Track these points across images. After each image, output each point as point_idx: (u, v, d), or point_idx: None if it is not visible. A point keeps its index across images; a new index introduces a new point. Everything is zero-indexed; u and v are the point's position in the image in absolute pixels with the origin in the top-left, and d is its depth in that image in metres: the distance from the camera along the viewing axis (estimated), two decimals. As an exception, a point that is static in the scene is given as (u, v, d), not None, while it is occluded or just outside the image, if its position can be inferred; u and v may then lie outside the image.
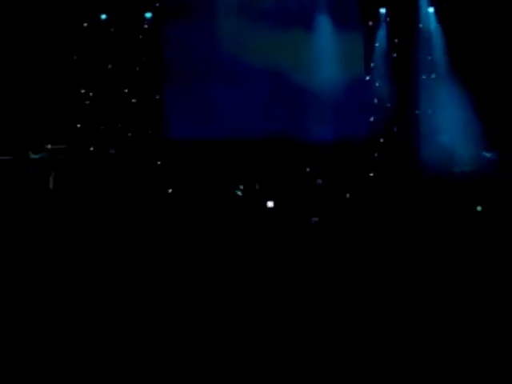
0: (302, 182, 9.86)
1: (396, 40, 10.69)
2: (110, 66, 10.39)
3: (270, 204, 8.41)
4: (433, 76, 10.38)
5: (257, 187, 9.22)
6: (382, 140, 10.69)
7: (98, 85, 10.36)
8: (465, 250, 5.89)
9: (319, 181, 9.80)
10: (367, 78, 10.79)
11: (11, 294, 4.60)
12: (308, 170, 10.16)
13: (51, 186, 9.12)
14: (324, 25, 10.51)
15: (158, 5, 10.51)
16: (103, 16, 10.31)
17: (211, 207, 8.41)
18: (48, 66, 10.04)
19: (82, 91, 10.26)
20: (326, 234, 7.16)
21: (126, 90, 10.49)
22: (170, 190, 9.39)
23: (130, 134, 10.39)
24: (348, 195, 9.37)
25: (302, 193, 9.25)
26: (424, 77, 10.44)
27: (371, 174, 10.37)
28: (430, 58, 10.50)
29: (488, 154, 9.60)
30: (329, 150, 10.26)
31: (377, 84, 10.77)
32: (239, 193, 8.78)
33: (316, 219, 7.71)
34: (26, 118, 9.78)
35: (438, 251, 5.88)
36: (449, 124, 9.84)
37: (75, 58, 10.17)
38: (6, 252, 5.84)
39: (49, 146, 9.39)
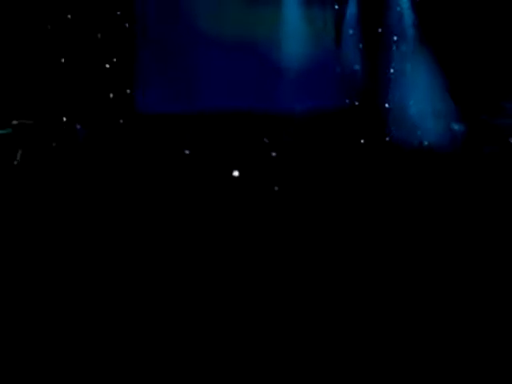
0: (264, 153, 9.85)
1: (366, 10, 10.67)
2: (80, 34, 10.12)
3: (236, 173, 8.64)
4: (403, 47, 10.39)
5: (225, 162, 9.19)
6: (350, 111, 10.73)
7: (64, 56, 10.11)
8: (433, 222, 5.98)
9: (274, 153, 9.83)
10: (337, 48, 10.78)
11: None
12: (266, 141, 10.13)
13: (17, 161, 8.93)
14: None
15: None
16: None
17: (182, 179, 8.40)
18: (12, 35, 9.76)
19: (48, 63, 9.99)
20: (291, 203, 7.19)
21: (94, 62, 10.26)
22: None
23: (98, 108, 10.20)
24: (314, 166, 9.45)
25: (264, 163, 9.28)
26: (394, 48, 10.47)
27: (340, 145, 10.41)
28: (400, 27, 10.52)
29: (457, 126, 9.69)
30: (298, 121, 10.25)
31: (347, 55, 10.77)
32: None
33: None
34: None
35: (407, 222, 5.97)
36: (418, 96, 9.91)
37: (40, 28, 9.89)
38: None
39: (15, 122, 9.17)
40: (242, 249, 5.39)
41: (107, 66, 10.27)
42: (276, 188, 7.80)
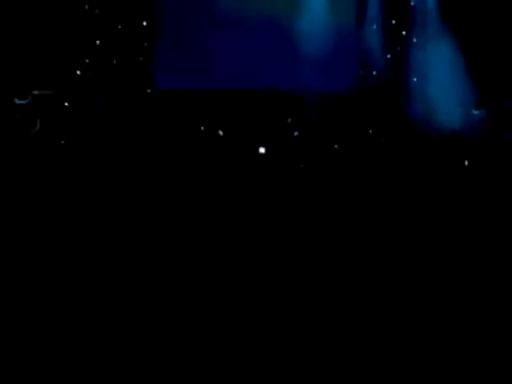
0: (286, 132, 9.84)
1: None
2: (97, 11, 10.15)
3: (262, 150, 8.66)
4: (425, 31, 10.28)
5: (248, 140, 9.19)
6: (370, 93, 10.66)
7: (85, 30, 10.12)
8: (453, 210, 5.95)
9: (296, 133, 9.81)
10: (358, 29, 10.70)
11: None
12: (289, 120, 10.10)
13: (37, 130, 8.97)
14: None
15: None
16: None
17: (203, 156, 8.42)
18: (32, 11, 9.77)
19: (69, 36, 10.01)
20: (316, 182, 7.18)
21: (115, 37, 10.27)
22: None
23: (117, 83, 10.21)
24: (336, 146, 9.43)
25: (287, 142, 9.28)
26: (416, 31, 10.37)
27: (359, 127, 10.37)
28: (422, 10, 10.41)
29: (477, 112, 9.61)
30: (316, 100, 10.19)
31: (368, 38, 10.68)
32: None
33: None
34: (11, 63, 9.56)
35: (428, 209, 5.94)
36: (438, 81, 9.83)
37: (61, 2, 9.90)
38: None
39: (35, 92, 9.20)
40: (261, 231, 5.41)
41: (127, 41, 10.27)
42: (302, 165, 7.82)
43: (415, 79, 10.30)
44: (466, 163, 7.99)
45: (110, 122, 9.61)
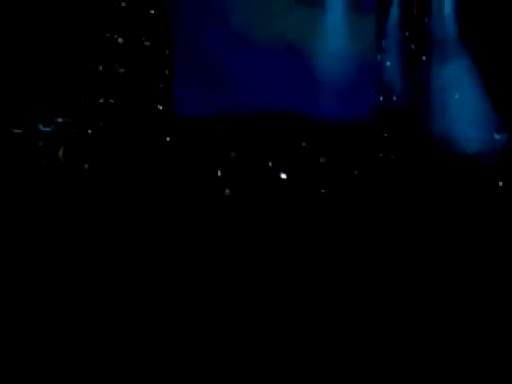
0: (308, 158, 9.86)
1: (408, 16, 10.62)
2: (120, 41, 10.33)
3: (284, 176, 8.72)
4: (445, 55, 10.28)
5: (269, 164, 9.24)
6: (391, 119, 10.66)
7: (107, 58, 10.30)
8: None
9: (323, 159, 9.80)
10: (378, 57, 10.74)
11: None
12: (307, 145, 10.09)
13: (62, 159, 9.10)
14: (337, 2, 10.44)
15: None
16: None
17: (223, 180, 8.48)
18: (56, 39, 9.96)
19: (92, 64, 10.19)
20: (336, 207, 7.19)
21: (135, 64, 10.44)
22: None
23: (138, 110, 10.35)
24: (356, 172, 9.44)
25: (309, 168, 9.30)
26: (436, 55, 10.38)
27: (380, 154, 10.36)
28: (442, 33, 10.43)
29: (498, 136, 9.55)
30: (338, 128, 10.22)
31: (388, 63, 10.72)
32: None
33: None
34: (35, 90, 9.73)
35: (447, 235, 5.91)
36: (459, 104, 9.81)
37: (85, 30, 10.09)
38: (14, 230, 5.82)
39: (59, 120, 9.35)
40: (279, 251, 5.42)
41: (147, 75, 10.43)
42: (322, 191, 7.85)
43: (436, 104, 10.27)
44: (501, 184, 7.97)
45: (131, 148, 9.72)
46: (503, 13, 10.04)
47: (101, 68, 10.26)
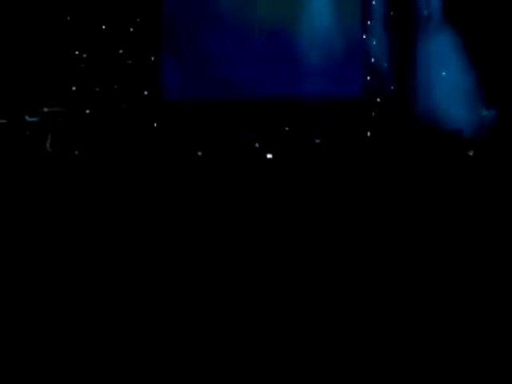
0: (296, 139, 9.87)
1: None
2: (103, 27, 10.25)
3: (269, 156, 8.78)
4: (431, 31, 10.25)
5: (256, 145, 9.25)
6: (378, 99, 10.65)
7: (92, 46, 10.23)
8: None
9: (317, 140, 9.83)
10: (364, 36, 10.71)
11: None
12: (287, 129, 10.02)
13: (48, 149, 9.05)
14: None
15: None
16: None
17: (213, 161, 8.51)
18: (42, 28, 9.89)
19: (77, 52, 10.12)
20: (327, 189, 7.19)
21: (121, 51, 10.38)
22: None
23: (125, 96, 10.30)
24: (345, 153, 9.50)
25: (296, 148, 9.33)
26: (421, 31, 10.36)
27: (368, 133, 10.37)
28: (428, 10, 10.40)
29: (486, 112, 9.56)
30: (326, 108, 10.19)
31: (374, 43, 10.69)
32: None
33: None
34: (21, 80, 9.67)
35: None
36: (445, 80, 9.81)
37: (69, 18, 10.01)
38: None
39: (45, 109, 9.29)
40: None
41: (133, 60, 10.37)
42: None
43: (422, 82, 10.25)
44: (471, 153, 7.97)
45: (120, 135, 9.69)
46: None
47: (86, 56, 10.20)
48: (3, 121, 9.00)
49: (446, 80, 9.79)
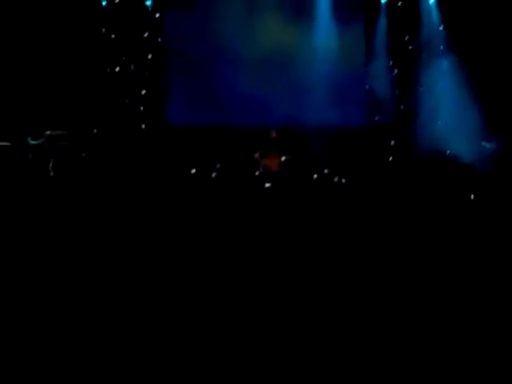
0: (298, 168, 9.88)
1: (396, 26, 10.73)
2: (110, 53, 10.36)
3: (268, 185, 8.80)
4: (434, 64, 10.36)
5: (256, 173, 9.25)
6: (380, 129, 10.73)
7: (98, 71, 10.31)
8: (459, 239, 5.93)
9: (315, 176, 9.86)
10: (367, 68, 10.83)
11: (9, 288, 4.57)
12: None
13: (51, 173, 9.04)
14: (326, 16, 10.53)
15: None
16: (104, 3, 10.25)
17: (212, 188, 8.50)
18: (46, 51, 9.96)
19: (82, 76, 10.19)
20: (322, 215, 7.21)
21: (126, 76, 10.47)
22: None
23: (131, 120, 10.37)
24: (343, 180, 9.55)
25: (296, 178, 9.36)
26: (424, 64, 10.48)
27: (369, 161, 10.43)
28: (431, 43, 10.54)
29: (488, 145, 9.61)
30: (327, 137, 10.23)
31: (377, 74, 10.80)
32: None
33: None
34: (25, 103, 9.70)
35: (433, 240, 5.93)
36: (448, 113, 9.88)
37: (75, 42, 10.10)
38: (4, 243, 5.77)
39: (48, 132, 9.30)
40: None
41: (140, 86, 10.45)
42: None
43: (425, 115, 10.33)
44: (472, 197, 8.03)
45: (123, 158, 9.72)
46: (490, 26, 10.16)
47: (91, 79, 10.27)
48: (7, 143, 8.99)
49: (449, 113, 9.86)
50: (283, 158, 9.22)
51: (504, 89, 10.03)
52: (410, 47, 10.67)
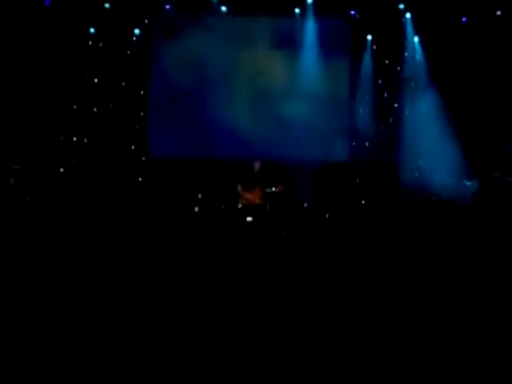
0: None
1: (380, 64, 10.88)
2: (95, 80, 10.39)
3: (249, 219, 8.75)
4: (416, 103, 10.50)
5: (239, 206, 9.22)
6: (363, 164, 10.79)
7: (82, 99, 10.35)
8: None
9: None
10: (351, 103, 10.93)
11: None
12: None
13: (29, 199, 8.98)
14: (311, 51, 10.64)
15: (146, 21, 10.53)
16: (92, 30, 10.32)
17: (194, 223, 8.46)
18: (33, 79, 9.99)
19: (66, 105, 10.23)
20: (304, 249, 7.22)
21: (111, 105, 10.50)
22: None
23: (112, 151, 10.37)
24: (327, 215, 9.56)
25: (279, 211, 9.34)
26: (407, 102, 10.63)
27: (352, 199, 10.46)
28: (413, 84, 10.70)
29: (469, 183, 9.70)
30: (311, 173, 10.27)
31: (360, 111, 10.92)
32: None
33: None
34: (9, 130, 9.71)
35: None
36: (430, 152, 9.98)
37: (59, 72, 10.14)
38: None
39: (29, 159, 9.29)
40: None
41: (123, 116, 10.48)
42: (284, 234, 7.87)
43: (408, 151, 10.42)
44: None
45: (105, 187, 9.69)
46: (472, 64, 10.36)
47: (75, 108, 10.30)
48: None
49: (432, 150, 9.96)
50: (266, 191, 9.20)
51: (486, 128, 10.18)
52: (394, 83, 10.80)
